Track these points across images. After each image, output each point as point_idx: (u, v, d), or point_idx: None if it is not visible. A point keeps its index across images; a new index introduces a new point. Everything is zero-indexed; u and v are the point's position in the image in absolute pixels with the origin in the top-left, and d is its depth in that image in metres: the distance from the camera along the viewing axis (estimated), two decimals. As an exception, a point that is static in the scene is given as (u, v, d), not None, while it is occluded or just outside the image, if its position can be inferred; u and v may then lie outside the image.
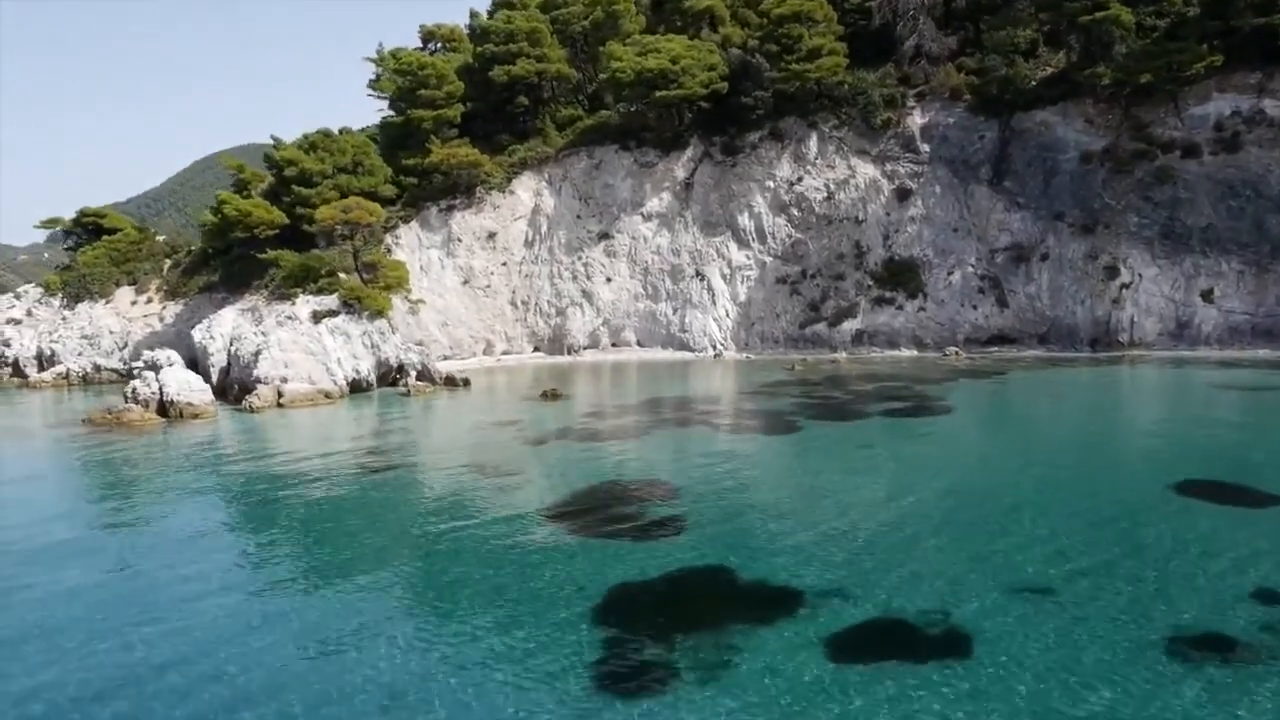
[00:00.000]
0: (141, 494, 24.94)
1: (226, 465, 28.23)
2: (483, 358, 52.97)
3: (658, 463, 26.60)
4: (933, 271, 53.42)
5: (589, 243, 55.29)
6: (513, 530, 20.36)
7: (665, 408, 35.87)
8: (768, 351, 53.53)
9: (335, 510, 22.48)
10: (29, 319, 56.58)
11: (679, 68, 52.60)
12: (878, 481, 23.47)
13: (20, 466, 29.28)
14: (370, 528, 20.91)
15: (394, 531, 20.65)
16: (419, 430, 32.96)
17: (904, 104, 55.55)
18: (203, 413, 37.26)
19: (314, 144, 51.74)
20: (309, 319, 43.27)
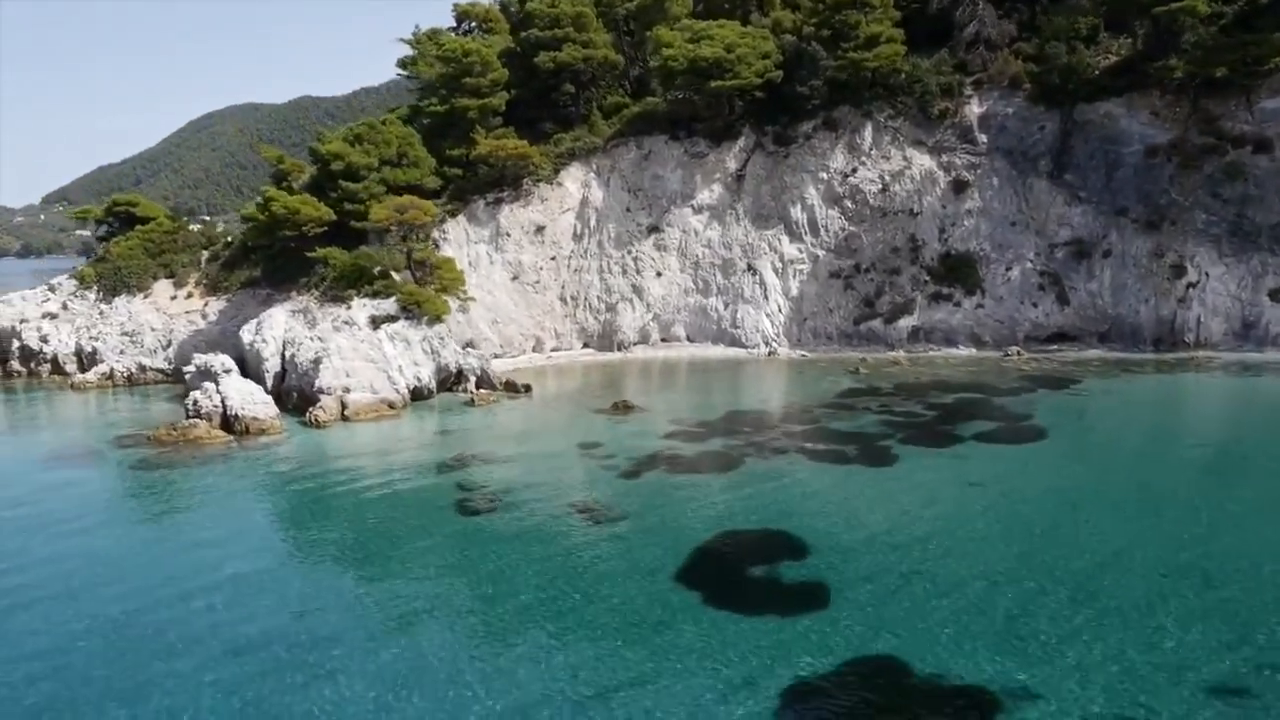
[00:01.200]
0: (268, 545, 24.06)
1: (323, 506, 27.36)
2: (533, 355, 51.99)
3: (767, 505, 25.82)
4: (990, 267, 52.38)
5: (639, 236, 54.04)
6: (650, 600, 19.74)
7: (747, 426, 35.05)
8: (821, 348, 52.61)
9: (464, 570, 21.64)
10: (65, 313, 55.31)
11: (734, 56, 50.97)
12: (1010, 537, 22.72)
13: (128, 506, 28.31)
14: (505, 593, 20.07)
15: (525, 599, 19.86)
16: (499, 455, 32.01)
17: (961, 93, 54.07)
18: (269, 428, 36.32)
19: (359, 136, 50.17)
20: (367, 325, 42.20)
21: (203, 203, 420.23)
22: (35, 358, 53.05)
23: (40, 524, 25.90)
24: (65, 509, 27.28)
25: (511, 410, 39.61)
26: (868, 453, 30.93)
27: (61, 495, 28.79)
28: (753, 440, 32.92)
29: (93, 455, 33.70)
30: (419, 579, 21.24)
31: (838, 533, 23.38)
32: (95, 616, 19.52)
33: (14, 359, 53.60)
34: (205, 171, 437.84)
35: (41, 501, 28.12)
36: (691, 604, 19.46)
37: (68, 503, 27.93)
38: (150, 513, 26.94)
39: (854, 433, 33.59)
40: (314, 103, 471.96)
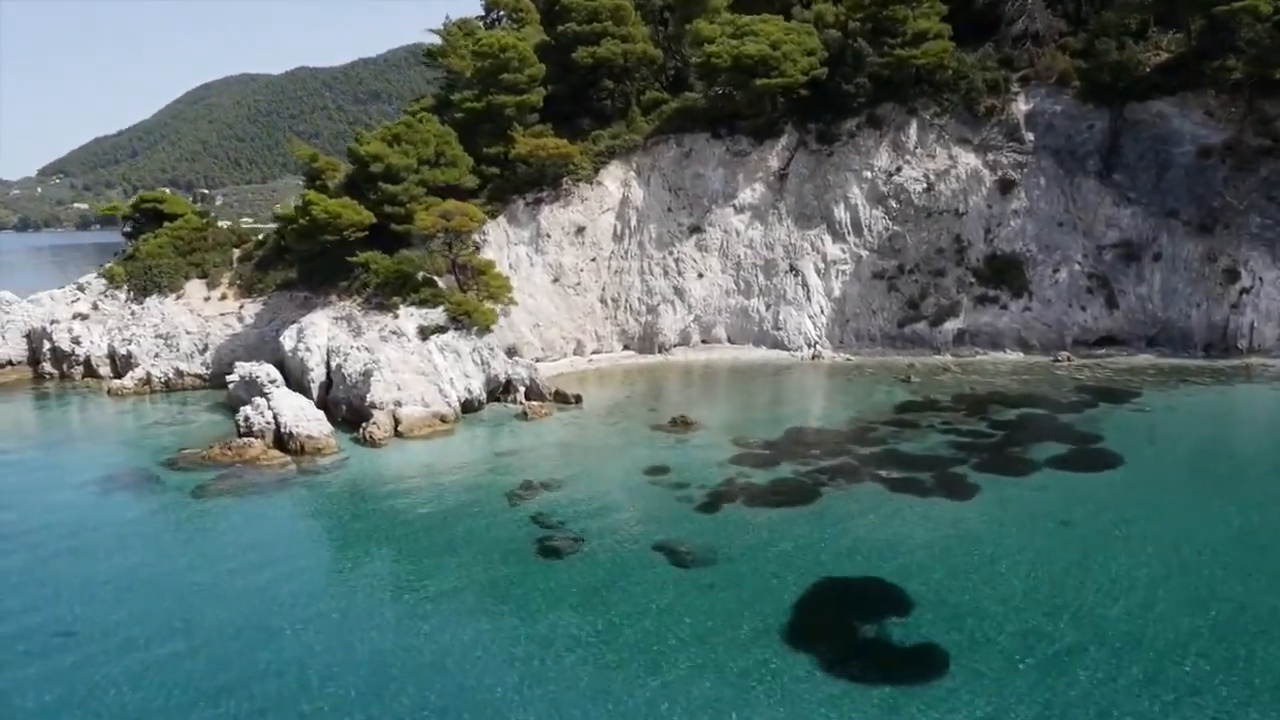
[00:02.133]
0: (354, 597, 23.54)
1: (401, 547, 26.82)
2: (574, 358, 51.33)
3: (856, 547, 25.33)
4: (1037, 268, 51.63)
5: (680, 237, 53.17)
6: (760, 667, 19.29)
7: (813, 447, 34.51)
8: (865, 351, 51.99)
9: (560, 626, 21.10)
10: (95, 313, 54.47)
11: (779, 54, 49.83)
12: (1116, 590, 22.18)
13: (197, 546, 27.71)
14: (604, 655, 19.55)
15: (628, 660, 19.36)
16: (566, 481, 31.37)
17: (1007, 89, 53.01)
18: (324, 446, 35.70)
19: (397, 135, 49.05)
20: (416, 335, 41.47)
21: (201, 176, 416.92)
22: (67, 359, 52.34)
23: (108, 567, 25.35)
24: (131, 548, 26.73)
25: (566, 425, 39.00)
26: (945, 481, 30.39)
27: (124, 531, 28.12)
28: (823, 465, 32.37)
29: (148, 480, 33.03)
30: (521, 640, 20.75)
31: (937, 582, 22.90)
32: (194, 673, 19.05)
33: (46, 360, 52.93)
34: (203, 144, 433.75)
35: (104, 537, 27.54)
36: (805, 674, 18.97)
37: (133, 541, 27.31)
38: (221, 554, 26.27)
39: (925, 456, 33.03)
40: (311, 74, 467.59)
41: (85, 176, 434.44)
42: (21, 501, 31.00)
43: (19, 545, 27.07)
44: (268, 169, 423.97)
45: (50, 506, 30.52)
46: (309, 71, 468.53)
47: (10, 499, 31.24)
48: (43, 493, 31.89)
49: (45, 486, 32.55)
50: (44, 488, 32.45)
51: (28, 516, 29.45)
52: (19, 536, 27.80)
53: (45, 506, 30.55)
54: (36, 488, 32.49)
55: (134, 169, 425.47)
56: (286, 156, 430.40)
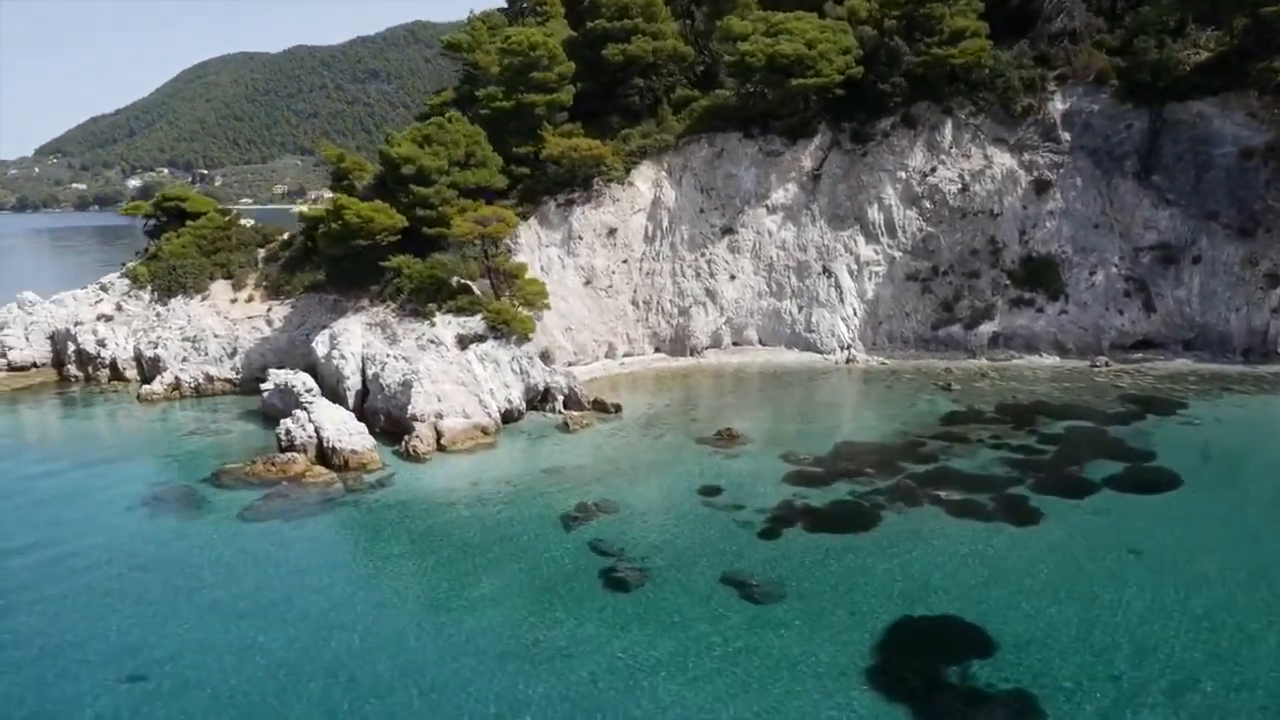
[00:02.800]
0: (421, 634, 23.17)
1: (461, 577, 26.44)
2: (605, 361, 50.84)
3: (926, 579, 25.02)
4: (1073, 271, 51.10)
5: (712, 238, 52.54)
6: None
7: (865, 464, 34.05)
8: (898, 354, 51.54)
9: (644, 670, 20.76)
10: (120, 314, 53.88)
11: (815, 53, 49.00)
12: (1198, 630, 21.87)
13: (253, 575, 27.39)
14: (696, 704, 19.25)
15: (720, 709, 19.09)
16: (620, 503, 30.89)
17: (1044, 88, 52.23)
18: (369, 461, 35.29)
19: (428, 137, 48.23)
20: (455, 344, 40.95)
21: (199, 155, 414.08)
22: (93, 362, 51.82)
23: (167, 597, 25.02)
24: (187, 576, 26.41)
25: (609, 437, 38.57)
26: (1005, 505, 30.05)
27: (179, 558, 27.74)
28: (878, 485, 31.99)
29: (194, 500, 32.61)
30: (604, 685, 20.42)
31: (1016, 621, 22.59)
32: None
33: (71, 363, 52.36)
34: (201, 123, 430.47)
35: (159, 565, 27.21)
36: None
37: (188, 568, 26.93)
38: (275, 584, 25.90)
39: (980, 476, 32.67)
40: (309, 52, 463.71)
41: (83, 156, 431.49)
42: (73, 526, 30.46)
43: (78, 575, 26.73)
44: (267, 149, 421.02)
45: (102, 530, 30.08)
46: (307, 50, 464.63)
47: (61, 523, 30.75)
48: (92, 516, 31.37)
49: (93, 509, 32.01)
50: (92, 510, 31.91)
51: (82, 543, 29.03)
52: (76, 564, 27.47)
53: (97, 530, 30.11)
54: (85, 510, 31.94)
55: (132, 149, 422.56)
56: (285, 136, 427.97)
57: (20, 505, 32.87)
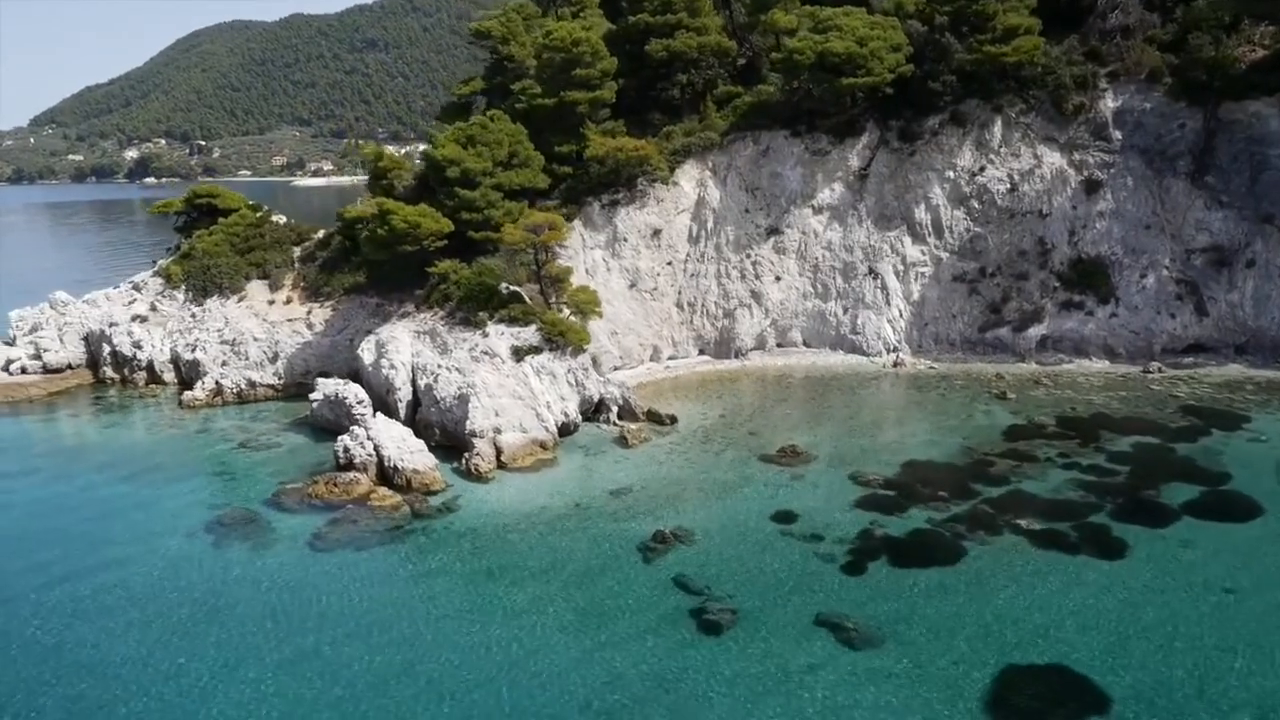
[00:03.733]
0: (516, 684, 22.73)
1: (546, 616, 25.99)
2: (650, 365, 50.23)
3: (1024, 622, 24.67)
4: (1123, 273, 50.43)
5: (758, 239, 51.75)
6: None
7: (939, 487, 33.58)
8: (945, 356, 50.96)
9: None
10: (155, 315, 53.11)
11: (866, 51, 47.93)
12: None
13: (335, 620, 26.92)
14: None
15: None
16: (694, 530, 30.43)
17: (1095, 85, 51.23)
18: (431, 482, 34.75)
19: (471, 137, 47.18)
20: (510, 356, 40.29)
21: (196, 126, 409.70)
22: (129, 364, 51.15)
23: (247, 646, 24.56)
24: (262, 616, 26.04)
25: (669, 453, 38.04)
26: (1088, 535, 29.64)
27: (250, 595, 27.28)
28: (954, 511, 31.58)
29: (258, 525, 32.08)
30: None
31: (1126, 672, 22.26)
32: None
33: (106, 365, 51.69)
34: (197, 93, 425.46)
35: (234, 602, 26.78)
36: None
37: (263, 608, 26.50)
38: (361, 633, 25.37)
39: (1056, 501, 32.22)
40: (306, 21, 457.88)
41: (78, 126, 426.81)
42: (135, 555, 29.98)
43: (144, 612, 26.30)
44: (264, 119, 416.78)
45: (166, 560, 29.64)
46: (304, 19, 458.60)
47: (122, 552, 30.23)
48: (154, 543, 30.88)
49: (154, 534, 31.52)
50: (153, 536, 31.42)
51: (147, 575, 28.60)
52: (141, 599, 27.05)
53: (161, 560, 29.65)
54: (145, 536, 31.46)
55: (128, 119, 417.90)
56: (282, 107, 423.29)
57: (76, 529, 32.33)
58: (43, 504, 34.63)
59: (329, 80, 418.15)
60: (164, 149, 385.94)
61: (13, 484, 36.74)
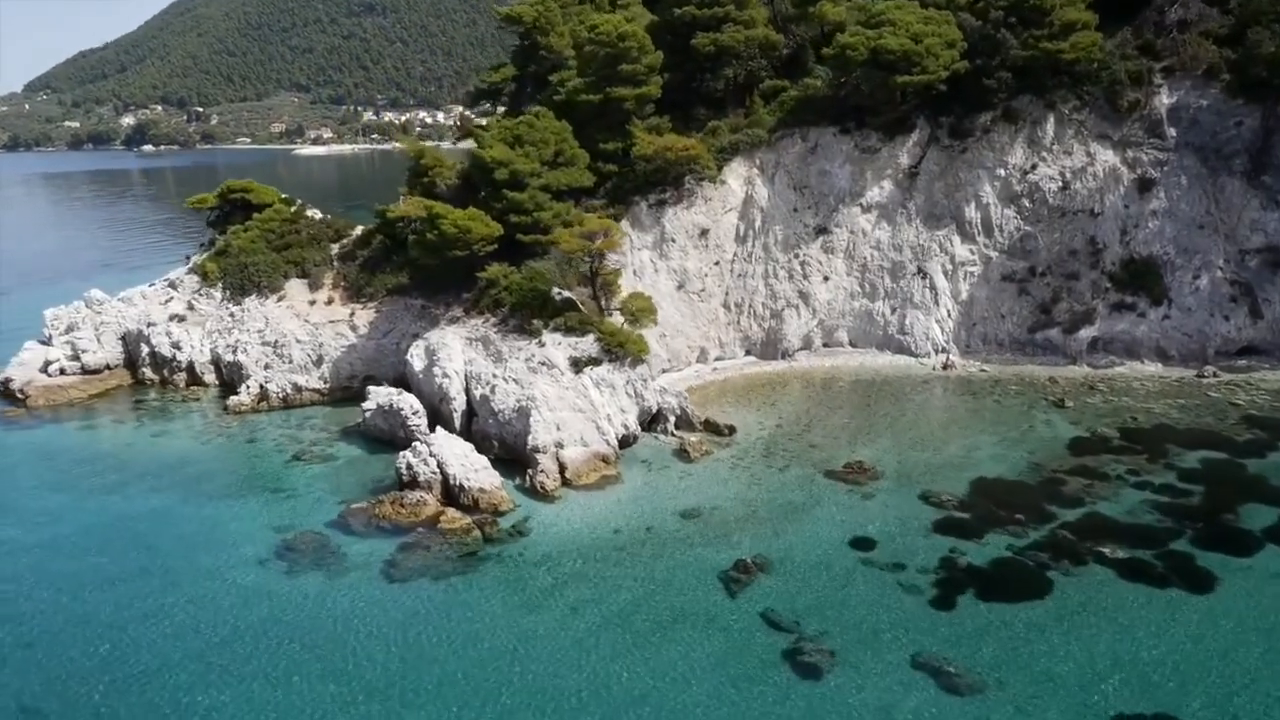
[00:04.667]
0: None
1: (640, 660, 25.66)
2: (698, 366, 49.70)
3: (1125, 665, 24.47)
4: (1175, 274, 49.78)
5: (806, 238, 50.97)
6: None
7: (1011, 508, 33.22)
8: (994, 358, 50.45)
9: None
10: (192, 314, 52.35)
11: (921, 48, 46.86)
12: None
13: (428, 647, 26.62)
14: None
15: None
16: (773, 558, 30.20)
17: (1150, 81, 50.24)
18: (499, 502, 34.34)
19: (519, 137, 46.16)
20: (568, 367, 39.74)
21: (193, 92, 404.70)
22: (168, 365, 50.51)
23: (336, 695, 24.21)
24: (345, 655, 25.79)
25: (732, 469, 37.61)
26: (1173, 565, 29.32)
27: (330, 633, 26.89)
28: (1033, 537, 31.23)
29: (327, 550, 31.65)
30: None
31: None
32: None
33: (144, 365, 51.05)
34: (193, 59, 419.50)
35: (313, 642, 26.45)
36: None
37: (345, 647, 26.19)
38: (449, 679, 24.99)
39: (1135, 527, 31.86)
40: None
41: (73, 92, 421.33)
42: (212, 590, 29.40)
43: (224, 653, 25.92)
44: (262, 85, 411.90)
45: (238, 592, 29.18)
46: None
47: (199, 588, 29.59)
48: (223, 572, 30.39)
49: (222, 562, 30.99)
50: (221, 563, 30.90)
51: (220, 608, 28.21)
52: (218, 637, 26.69)
53: (233, 591, 29.21)
54: (213, 564, 30.93)
55: (124, 85, 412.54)
56: (280, 73, 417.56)
57: (139, 554, 31.83)
58: (101, 529, 33.79)
59: (326, 45, 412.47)
60: (161, 115, 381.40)
61: (65, 502, 36.22)
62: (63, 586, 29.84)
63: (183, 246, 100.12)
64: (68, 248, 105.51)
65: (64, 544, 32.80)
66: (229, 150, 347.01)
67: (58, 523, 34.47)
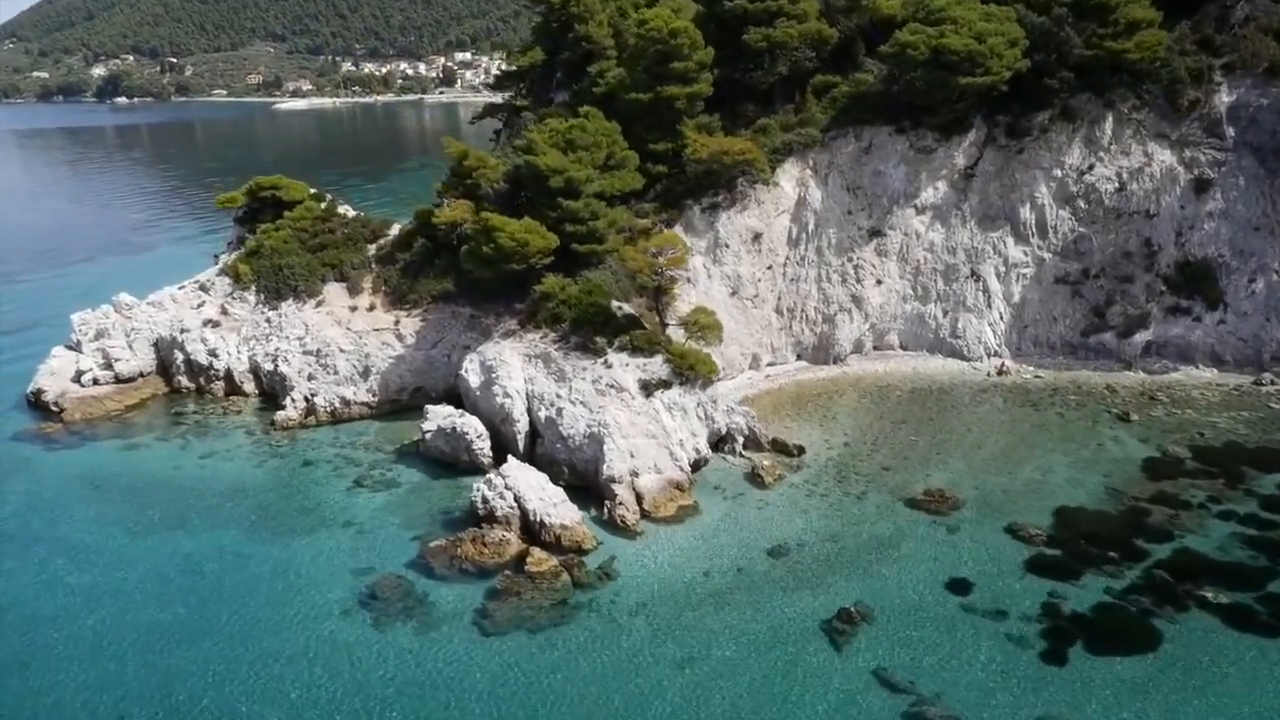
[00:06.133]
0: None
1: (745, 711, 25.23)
2: (751, 373, 48.90)
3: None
4: (1231, 276, 49.30)
5: (859, 241, 49.92)
6: None
7: (1100, 543, 32.95)
8: (1046, 361, 50.01)
9: None
10: (226, 319, 50.79)
11: (984, 48, 45.46)
12: None
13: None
14: None
15: None
16: (869, 600, 29.88)
17: (1210, 78, 49.19)
18: (582, 539, 33.60)
19: (571, 141, 44.52)
20: (638, 390, 38.81)
21: (165, 42, 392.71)
22: (205, 373, 49.09)
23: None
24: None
25: (809, 496, 37.05)
26: (1277, 609, 29.21)
27: (430, 702, 26.25)
28: (1130, 579, 31.05)
29: (413, 598, 30.93)
30: None
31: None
32: None
33: (180, 374, 49.61)
34: (164, 5, 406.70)
35: (412, 712, 25.74)
36: None
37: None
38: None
39: (1229, 565, 31.71)
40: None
41: (40, 41, 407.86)
42: (297, 644, 28.65)
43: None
44: (236, 34, 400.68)
45: (332, 651, 28.40)
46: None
47: (282, 642, 28.80)
48: (311, 626, 29.59)
49: (308, 616, 30.13)
50: (308, 617, 30.05)
51: (313, 671, 27.45)
52: (314, 704, 25.93)
53: (327, 651, 28.40)
54: (299, 617, 30.07)
55: (93, 33, 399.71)
56: (255, 20, 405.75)
57: (218, 604, 30.93)
58: (171, 574, 32.75)
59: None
60: (133, 66, 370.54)
61: (128, 541, 35.04)
62: (150, 644, 28.99)
63: (184, 224, 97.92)
64: (65, 225, 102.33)
65: (137, 592, 31.80)
66: (205, 104, 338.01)
67: (126, 565, 33.45)
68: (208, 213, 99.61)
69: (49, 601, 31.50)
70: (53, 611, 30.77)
